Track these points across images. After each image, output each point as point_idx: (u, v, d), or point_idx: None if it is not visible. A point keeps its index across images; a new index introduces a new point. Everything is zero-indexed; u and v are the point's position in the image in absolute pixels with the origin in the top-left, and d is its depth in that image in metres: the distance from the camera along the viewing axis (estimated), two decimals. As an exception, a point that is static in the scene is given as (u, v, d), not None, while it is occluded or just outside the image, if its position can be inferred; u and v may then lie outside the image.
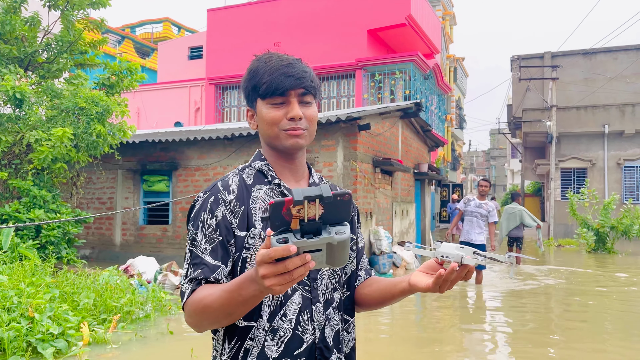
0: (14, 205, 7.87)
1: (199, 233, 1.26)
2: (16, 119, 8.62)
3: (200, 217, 1.28)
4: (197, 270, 1.23)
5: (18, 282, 5.05)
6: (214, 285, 1.21)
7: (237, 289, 1.09)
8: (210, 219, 1.27)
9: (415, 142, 14.66)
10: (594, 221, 15.31)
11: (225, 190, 1.30)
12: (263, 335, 1.25)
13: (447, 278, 1.18)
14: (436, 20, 20.85)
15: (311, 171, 1.45)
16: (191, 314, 1.21)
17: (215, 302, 1.14)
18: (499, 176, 60.65)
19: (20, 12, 9.46)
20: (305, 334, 1.27)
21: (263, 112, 1.33)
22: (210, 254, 1.24)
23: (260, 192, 1.32)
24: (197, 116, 20.19)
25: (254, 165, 1.39)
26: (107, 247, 11.83)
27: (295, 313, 1.26)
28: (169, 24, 32.27)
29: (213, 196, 1.29)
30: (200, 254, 1.24)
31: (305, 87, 1.32)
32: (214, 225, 1.26)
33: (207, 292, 1.18)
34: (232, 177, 1.35)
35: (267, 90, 1.30)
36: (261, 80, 1.31)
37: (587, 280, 9.86)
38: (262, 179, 1.35)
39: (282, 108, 1.31)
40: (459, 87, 34.48)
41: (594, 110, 21.40)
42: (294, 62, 1.33)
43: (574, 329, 6.11)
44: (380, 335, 5.83)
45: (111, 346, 4.77)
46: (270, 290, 0.99)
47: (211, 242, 1.25)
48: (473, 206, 8.60)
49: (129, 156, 11.40)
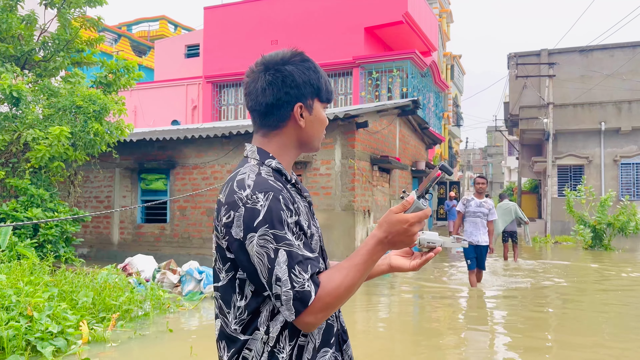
0: (11, 204, 7.85)
1: (287, 232, 1.21)
2: (13, 118, 8.59)
3: (281, 217, 1.21)
4: (309, 266, 1.20)
5: (16, 281, 5.04)
6: (336, 268, 1.25)
7: (371, 257, 1.25)
8: (290, 217, 1.24)
9: (412, 140, 14.68)
10: (591, 218, 15.35)
11: (283, 189, 1.27)
12: (316, 331, 1.30)
13: (429, 259, 1.41)
14: (433, 17, 20.85)
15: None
16: (329, 305, 1.20)
17: (355, 278, 1.23)
18: (496, 174, 60.74)
19: (17, 10, 9.42)
20: (333, 322, 1.35)
21: (321, 114, 1.40)
22: (306, 249, 1.23)
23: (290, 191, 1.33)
24: (194, 114, 20.16)
25: (267, 163, 1.33)
26: (105, 246, 11.82)
27: None
28: (165, 22, 32.19)
29: (281, 194, 1.24)
30: (299, 251, 1.21)
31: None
32: (294, 222, 1.25)
33: (340, 277, 1.23)
34: (266, 175, 1.29)
35: (329, 97, 1.41)
36: (326, 85, 1.39)
37: (584, 276, 9.89)
38: (281, 178, 1.33)
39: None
40: (456, 84, 34.50)
41: (590, 107, 21.45)
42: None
43: (571, 325, 6.14)
44: (377, 331, 5.84)
45: (110, 344, 4.78)
46: (409, 244, 1.30)
47: (299, 238, 1.24)
48: (474, 206, 8.22)
49: (126, 155, 11.38)
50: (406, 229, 1.24)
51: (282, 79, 1.32)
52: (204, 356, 4.48)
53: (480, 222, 8.17)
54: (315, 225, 1.37)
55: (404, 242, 1.26)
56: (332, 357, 1.32)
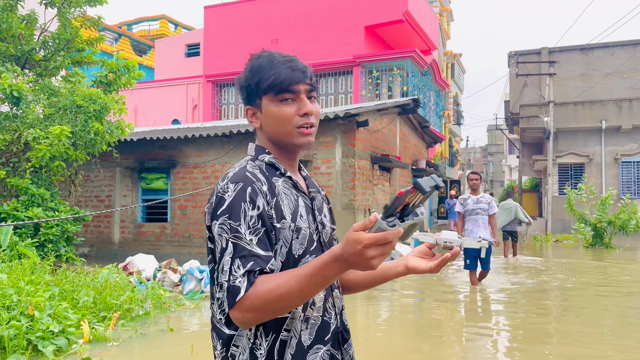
0: (12, 204, 7.85)
1: (242, 224, 1.20)
2: (14, 117, 8.59)
3: (241, 208, 1.21)
4: (250, 263, 1.17)
5: (17, 281, 5.04)
6: (281, 274, 1.18)
7: (320, 271, 1.12)
8: (252, 210, 1.22)
9: (413, 139, 14.68)
10: (592, 216, 15.35)
11: (257, 181, 1.26)
12: (299, 325, 1.27)
13: (447, 261, 1.34)
14: (433, 16, 20.84)
15: (299, 165, 1.46)
16: (256, 307, 1.15)
17: (293, 288, 1.13)
18: (497, 172, 60.71)
19: (17, 10, 9.42)
20: (330, 320, 1.33)
21: (272, 109, 1.31)
22: (258, 245, 1.20)
23: (278, 184, 1.31)
24: (194, 114, 20.17)
25: (261, 158, 1.35)
26: (106, 246, 11.83)
27: (322, 301, 1.31)
28: (165, 22, 32.19)
29: (250, 186, 1.24)
30: (246, 245, 1.19)
31: (310, 82, 1.32)
32: (257, 215, 1.22)
33: (277, 282, 1.15)
34: (252, 168, 1.30)
35: (274, 85, 1.29)
36: (266, 75, 1.30)
37: (585, 276, 9.88)
38: (274, 172, 1.34)
39: (293, 104, 1.30)
40: (457, 83, 34.48)
41: (591, 105, 21.44)
42: (295, 58, 1.34)
43: (572, 327, 6.13)
44: (377, 333, 5.85)
45: (111, 343, 4.78)
46: (368, 267, 1.10)
47: (256, 233, 1.21)
48: (472, 204, 7.96)
49: (127, 154, 11.39)
50: (360, 251, 1.07)
51: (238, 85, 1.39)
52: (205, 355, 4.48)
53: (480, 219, 7.90)
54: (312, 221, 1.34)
55: (360, 265, 1.10)
56: (326, 354, 1.30)
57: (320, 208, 1.40)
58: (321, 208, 1.41)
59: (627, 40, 23.34)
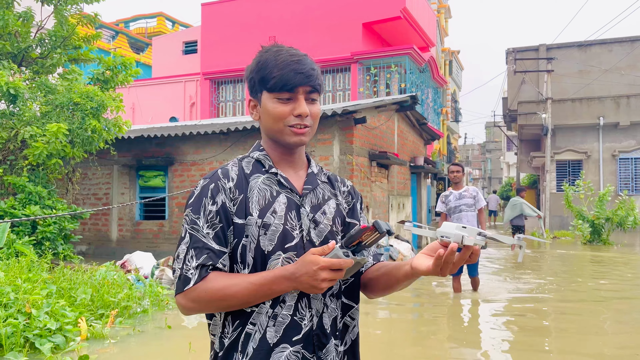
0: (9, 202, 7.83)
1: (201, 217, 1.27)
2: (10, 115, 8.56)
3: (202, 203, 1.29)
4: (203, 256, 1.24)
5: (15, 278, 5.03)
6: (233, 275, 1.25)
7: (269, 284, 1.21)
8: (211, 205, 1.28)
9: (411, 136, 14.67)
10: (590, 213, 15.38)
11: (225, 178, 1.32)
12: (265, 321, 1.26)
13: (447, 260, 1.17)
14: (431, 13, 20.80)
15: (310, 161, 1.46)
16: (200, 300, 1.23)
17: (240, 293, 1.21)
18: (495, 169, 60.77)
19: (13, 7, 9.38)
20: (303, 321, 1.28)
21: (269, 106, 1.33)
22: (214, 239, 1.26)
23: (257, 182, 1.34)
24: (192, 111, 20.12)
25: (252, 155, 1.41)
26: (104, 243, 11.81)
27: (293, 299, 1.28)
28: (163, 19, 32.10)
29: (213, 183, 1.31)
30: (202, 238, 1.26)
31: (312, 85, 1.33)
32: (215, 211, 1.28)
33: (227, 282, 1.22)
34: (232, 166, 1.37)
35: (275, 85, 1.31)
36: (270, 73, 1.31)
37: (583, 267, 9.89)
38: (260, 168, 1.37)
39: (289, 104, 1.32)
40: (455, 80, 34.46)
41: (589, 102, 21.44)
42: (303, 58, 1.34)
43: (574, 335, 6.13)
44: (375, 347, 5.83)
45: (109, 341, 4.78)
46: (316, 289, 1.19)
47: (213, 227, 1.27)
48: (454, 200, 7.03)
49: (124, 152, 11.36)
50: (314, 272, 1.16)
51: (245, 75, 1.43)
52: (203, 352, 4.48)
53: (465, 217, 6.89)
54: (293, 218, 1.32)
55: (308, 284, 1.18)
56: (293, 355, 1.26)
57: (318, 205, 1.38)
58: (319, 205, 1.38)
59: (625, 36, 23.34)
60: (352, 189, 1.51)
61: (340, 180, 1.50)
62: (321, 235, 1.35)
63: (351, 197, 1.48)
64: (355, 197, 1.49)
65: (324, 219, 1.37)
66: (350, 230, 1.41)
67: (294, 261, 1.27)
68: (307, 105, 1.33)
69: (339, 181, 1.49)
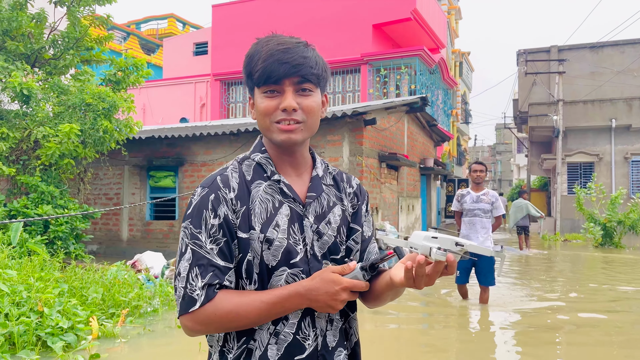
0: (22, 201, 7.91)
1: (202, 232, 1.18)
2: (23, 115, 8.66)
3: (202, 215, 1.19)
4: (209, 274, 1.16)
5: (27, 277, 5.08)
6: (243, 294, 1.18)
7: (281, 302, 1.16)
8: (213, 218, 1.18)
9: (421, 137, 14.63)
10: (601, 216, 15.24)
11: (225, 187, 1.22)
12: (267, 338, 1.20)
13: (418, 273, 1.09)
14: (441, 14, 20.75)
15: (315, 161, 1.35)
16: (209, 322, 1.16)
17: (252, 313, 1.16)
18: (505, 171, 60.42)
19: (27, 8, 9.48)
20: (306, 341, 1.21)
21: (257, 102, 1.24)
22: (219, 255, 1.18)
23: (259, 191, 1.24)
24: (202, 112, 20.22)
25: (253, 157, 1.29)
26: (115, 243, 11.89)
27: (297, 317, 1.21)
28: (173, 20, 32.28)
29: (213, 194, 1.20)
30: (206, 254, 1.17)
31: (302, 75, 1.20)
32: (217, 225, 1.18)
33: (237, 302, 1.16)
34: (232, 172, 1.25)
35: (260, 79, 1.20)
36: (255, 67, 1.21)
37: (595, 271, 9.77)
38: (262, 173, 1.26)
39: (276, 98, 1.21)
40: (465, 81, 34.33)
41: (600, 104, 21.26)
42: (293, 46, 1.21)
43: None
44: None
45: (120, 340, 4.80)
46: (331, 309, 1.16)
47: (217, 242, 1.18)
48: (470, 202, 6.43)
49: (135, 152, 11.44)
50: (336, 292, 1.13)
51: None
52: (213, 352, 4.48)
53: (479, 222, 6.34)
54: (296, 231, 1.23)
55: (325, 304, 1.14)
56: None
57: (322, 215, 1.28)
58: (323, 214, 1.28)
59: (638, 38, 23.11)
60: (359, 189, 1.40)
61: (346, 179, 1.39)
62: (324, 248, 1.26)
63: (357, 199, 1.38)
64: (360, 198, 1.38)
65: (329, 230, 1.27)
66: (353, 235, 1.33)
67: (300, 277, 1.21)
68: (297, 98, 1.20)
69: (344, 181, 1.38)
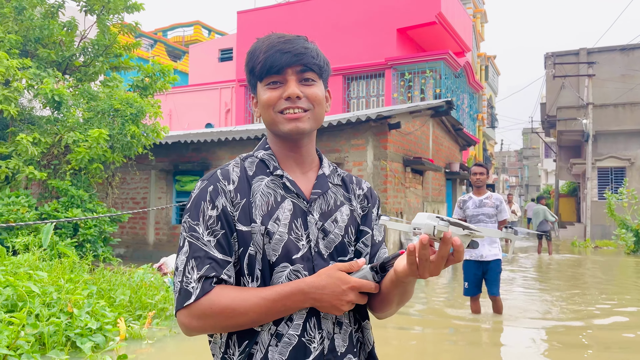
0: (52, 205, 8.10)
1: (200, 224, 1.15)
2: (55, 121, 8.87)
3: (200, 207, 1.16)
4: (205, 266, 1.11)
5: (57, 279, 5.18)
6: (242, 289, 1.13)
7: (283, 299, 1.10)
8: (211, 210, 1.15)
9: (446, 141, 14.49)
10: (633, 222, 14.86)
11: (224, 180, 1.19)
12: (267, 339, 1.13)
13: (421, 255, 1.01)
14: (467, 18, 20.56)
15: (322, 161, 1.31)
16: (205, 317, 1.09)
17: (250, 309, 1.09)
18: (532, 176, 59.39)
19: (58, 17, 9.74)
20: (312, 343, 1.14)
21: (260, 95, 1.22)
22: (216, 247, 1.13)
23: (260, 185, 1.21)
24: (227, 117, 20.41)
25: (256, 154, 1.27)
26: (141, 246, 12.06)
27: (302, 318, 1.14)
28: (199, 27, 32.74)
29: (212, 185, 1.18)
30: (203, 246, 1.13)
31: (304, 64, 1.19)
32: (215, 216, 1.15)
33: (235, 296, 1.10)
34: (233, 166, 1.23)
35: (262, 70, 1.19)
36: (257, 59, 1.20)
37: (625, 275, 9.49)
38: (264, 169, 1.24)
39: (279, 88, 1.20)
40: (491, 85, 33.91)
41: (632, 107, 20.75)
42: (293, 38, 1.22)
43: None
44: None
45: (147, 341, 4.86)
46: (336, 310, 1.11)
47: (214, 234, 1.14)
48: (473, 207, 6.00)
49: (161, 157, 11.60)
50: (342, 291, 1.08)
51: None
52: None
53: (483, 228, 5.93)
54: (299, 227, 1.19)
55: (330, 304, 1.09)
56: None
57: (328, 212, 1.24)
58: (329, 212, 1.24)
59: (671, 39, 22.51)
60: (369, 192, 1.35)
61: (356, 181, 1.35)
62: (330, 247, 1.21)
63: (367, 201, 1.33)
64: (371, 201, 1.33)
65: (335, 228, 1.22)
66: (362, 237, 1.28)
67: (302, 274, 1.15)
68: (301, 87, 1.19)
69: (354, 183, 1.34)
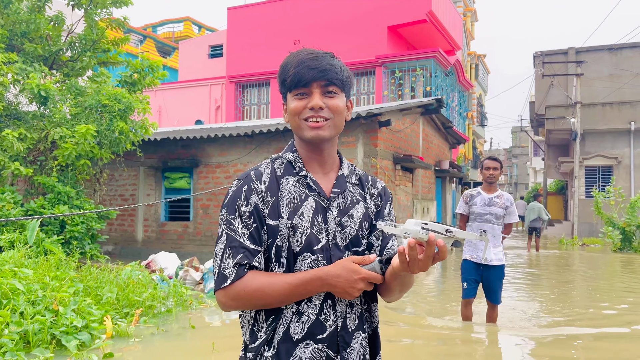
0: (39, 201, 8.00)
1: (236, 218, 1.34)
2: (41, 117, 8.76)
3: (236, 204, 1.35)
4: (239, 255, 1.31)
5: (43, 276, 5.12)
6: (270, 275, 1.32)
7: (304, 284, 1.29)
8: (245, 206, 1.35)
9: (436, 139, 14.52)
10: (620, 220, 15.00)
11: (257, 180, 1.38)
12: (290, 316, 1.32)
13: (410, 256, 1.19)
14: (457, 16, 20.61)
15: (342, 162, 1.49)
16: (239, 298, 1.30)
17: (277, 292, 1.29)
18: (521, 175, 59.81)
19: (45, 11, 9.61)
20: (327, 321, 1.33)
21: (289, 104, 1.41)
22: (249, 239, 1.33)
23: (288, 184, 1.39)
24: (217, 114, 20.30)
25: (284, 156, 1.45)
26: (129, 244, 11.97)
27: (319, 300, 1.33)
28: (189, 23, 32.50)
29: (246, 185, 1.37)
30: (238, 237, 1.33)
31: (328, 79, 1.36)
32: (249, 212, 1.34)
33: (264, 281, 1.30)
34: (265, 167, 1.42)
35: (292, 83, 1.38)
36: (288, 73, 1.39)
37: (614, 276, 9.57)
38: (291, 170, 1.42)
39: (305, 99, 1.38)
40: (480, 84, 34.04)
41: (619, 106, 20.95)
42: (320, 55, 1.39)
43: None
44: None
45: (134, 339, 4.81)
46: (348, 295, 1.29)
47: (247, 227, 1.33)
48: (480, 205, 5.37)
49: (150, 153, 11.51)
50: (354, 280, 1.27)
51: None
52: (226, 352, 4.47)
53: (489, 230, 5.31)
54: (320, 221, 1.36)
55: (343, 290, 1.28)
56: (317, 353, 1.31)
57: (345, 209, 1.41)
58: (346, 209, 1.41)
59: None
60: (383, 190, 1.52)
61: (371, 181, 1.52)
62: (346, 239, 1.38)
63: (380, 199, 1.49)
64: (384, 199, 1.50)
65: (351, 223, 1.40)
66: (374, 231, 1.44)
67: (321, 263, 1.34)
68: (323, 99, 1.37)
69: (370, 182, 1.51)
